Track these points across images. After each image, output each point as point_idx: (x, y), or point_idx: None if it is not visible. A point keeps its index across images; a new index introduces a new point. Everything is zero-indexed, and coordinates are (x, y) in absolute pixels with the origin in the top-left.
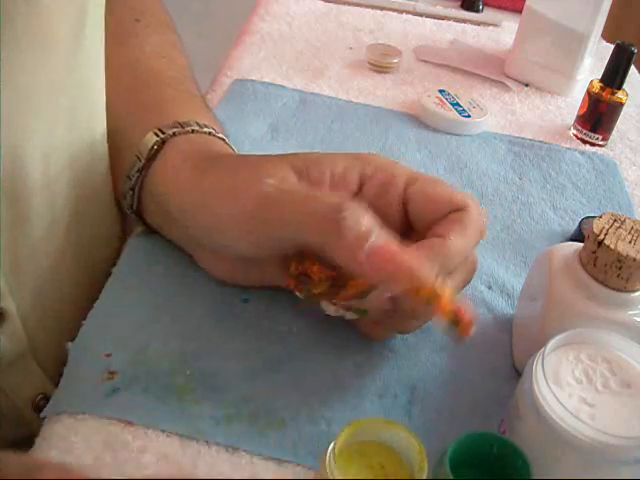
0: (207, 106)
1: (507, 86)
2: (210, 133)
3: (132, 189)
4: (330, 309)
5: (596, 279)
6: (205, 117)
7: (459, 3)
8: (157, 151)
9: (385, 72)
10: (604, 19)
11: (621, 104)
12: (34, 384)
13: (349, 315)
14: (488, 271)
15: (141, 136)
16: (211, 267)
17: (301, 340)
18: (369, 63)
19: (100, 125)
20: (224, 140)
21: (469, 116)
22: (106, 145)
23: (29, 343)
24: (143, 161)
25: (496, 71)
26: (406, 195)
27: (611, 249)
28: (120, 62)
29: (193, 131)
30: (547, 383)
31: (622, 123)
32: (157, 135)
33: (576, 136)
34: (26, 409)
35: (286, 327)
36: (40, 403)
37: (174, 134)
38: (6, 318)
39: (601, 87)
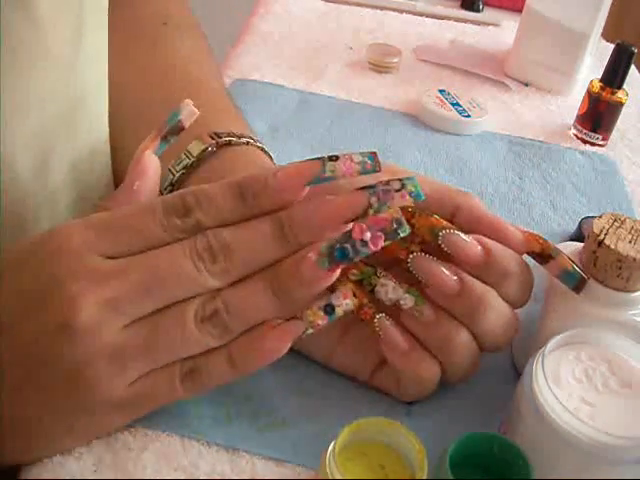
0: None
1: (507, 86)
2: (248, 143)
3: (172, 184)
4: (388, 287)
5: (596, 279)
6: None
7: (459, 3)
8: (210, 154)
9: (385, 72)
10: (604, 19)
11: (621, 104)
12: None
13: (406, 301)
14: None
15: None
16: None
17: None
18: (369, 63)
19: (102, 132)
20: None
21: (469, 116)
22: (109, 152)
23: None
24: (192, 159)
25: (496, 71)
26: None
27: (611, 249)
28: (153, 67)
29: (248, 143)
30: (547, 383)
31: (622, 123)
32: (212, 138)
33: (576, 136)
34: None
35: None
36: None
37: (230, 142)
38: None
39: (601, 87)
